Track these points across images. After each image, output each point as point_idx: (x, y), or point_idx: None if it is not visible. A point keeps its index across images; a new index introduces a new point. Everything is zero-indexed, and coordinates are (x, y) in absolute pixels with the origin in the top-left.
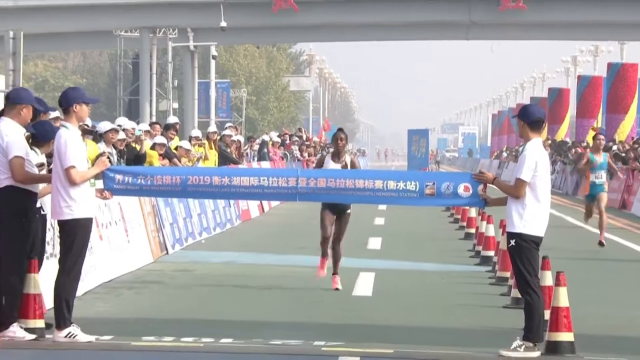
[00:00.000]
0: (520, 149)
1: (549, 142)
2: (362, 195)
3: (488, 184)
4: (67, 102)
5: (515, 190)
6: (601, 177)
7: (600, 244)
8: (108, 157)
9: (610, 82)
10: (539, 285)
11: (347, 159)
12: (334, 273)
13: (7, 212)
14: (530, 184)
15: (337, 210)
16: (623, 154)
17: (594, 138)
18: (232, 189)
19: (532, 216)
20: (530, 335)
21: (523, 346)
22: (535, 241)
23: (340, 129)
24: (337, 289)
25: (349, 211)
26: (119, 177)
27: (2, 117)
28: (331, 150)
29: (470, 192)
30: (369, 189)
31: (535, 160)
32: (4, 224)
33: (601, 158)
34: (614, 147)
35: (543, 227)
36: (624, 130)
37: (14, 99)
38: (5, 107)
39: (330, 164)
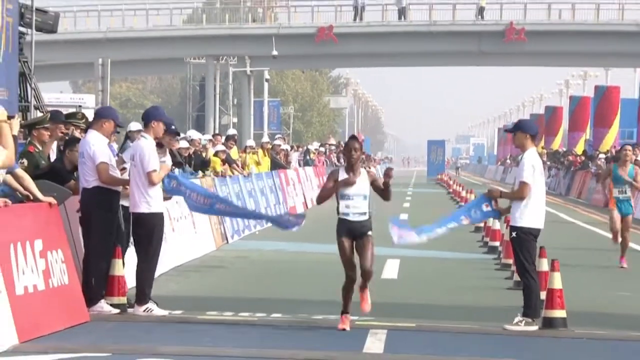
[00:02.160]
0: (520, 157)
1: (546, 151)
2: None
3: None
4: (147, 118)
5: (521, 193)
6: (625, 192)
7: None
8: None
9: (596, 102)
10: (535, 271)
11: (364, 172)
12: (363, 287)
13: (95, 207)
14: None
15: (357, 232)
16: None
17: (621, 149)
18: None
19: (530, 212)
20: (529, 312)
21: (523, 321)
22: (533, 233)
23: (353, 137)
24: (365, 311)
25: (370, 233)
26: (173, 182)
27: (89, 129)
28: (343, 163)
29: (490, 208)
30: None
31: (532, 165)
32: (93, 218)
33: (626, 171)
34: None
35: (540, 221)
36: (608, 141)
37: (99, 114)
38: (92, 121)
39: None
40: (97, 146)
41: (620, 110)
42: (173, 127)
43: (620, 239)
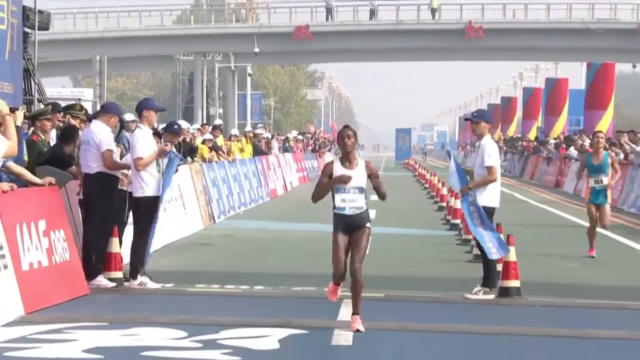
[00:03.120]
0: (478, 143)
1: (502, 137)
2: None
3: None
4: (139, 108)
5: (492, 176)
6: (601, 181)
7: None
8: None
9: (547, 92)
10: None
11: (361, 163)
12: (354, 313)
13: (98, 191)
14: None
15: (354, 226)
16: (562, 146)
17: (593, 136)
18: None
19: (488, 193)
20: (487, 282)
21: (482, 291)
22: (490, 211)
23: (346, 126)
24: (358, 330)
25: (368, 225)
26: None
27: (95, 120)
28: (338, 154)
29: (467, 201)
30: None
31: (495, 150)
32: (96, 201)
33: (600, 159)
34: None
35: (497, 200)
36: (558, 128)
37: (107, 109)
38: (99, 113)
39: (341, 172)
40: (102, 135)
41: (568, 100)
42: (175, 126)
43: (596, 231)
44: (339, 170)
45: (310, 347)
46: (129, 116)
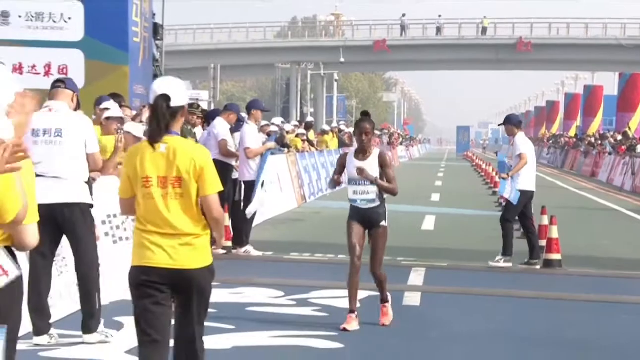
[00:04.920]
0: (512, 140)
1: (547, 134)
2: None
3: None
4: (249, 108)
5: (524, 162)
6: None
7: None
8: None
9: (585, 97)
10: (513, 221)
11: (375, 153)
12: (383, 300)
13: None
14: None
15: (368, 221)
16: (598, 142)
17: None
18: None
19: (524, 178)
20: (506, 251)
21: (502, 259)
22: (528, 195)
23: (365, 114)
24: (384, 324)
25: (384, 223)
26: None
27: (217, 117)
28: (353, 147)
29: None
30: None
31: (525, 141)
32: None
33: None
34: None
35: (532, 184)
36: (593, 127)
37: (228, 108)
38: (222, 111)
39: (354, 163)
40: (220, 128)
41: (603, 103)
42: (264, 104)
43: None
44: (351, 161)
45: None
46: (115, 111)
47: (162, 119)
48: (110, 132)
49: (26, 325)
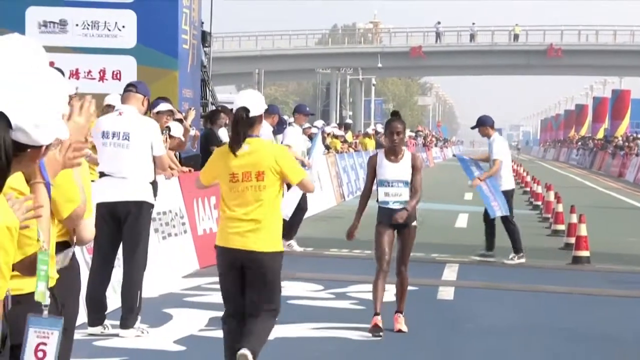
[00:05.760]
0: (489, 141)
1: (577, 136)
2: None
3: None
4: (294, 111)
5: (497, 168)
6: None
7: None
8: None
9: (613, 101)
10: (512, 219)
11: (407, 156)
12: (398, 311)
13: None
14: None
15: (397, 223)
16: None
17: None
18: None
19: (502, 178)
20: (518, 248)
21: (515, 257)
22: (510, 193)
23: (395, 114)
24: (400, 330)
25: (414, 223)
26: None
27: (264, 121)
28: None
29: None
30: None
31: (500, 144)
32: None
33: None
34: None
35: (512, 183)
36: (620, 130)
37: (270, 110)
38: (264, 114)
39: (385, 164)
40: (264, 130)
41: (630, 107)
42: (307, 108)
43: None
44: (382, 163)
45: (420, 300)
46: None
47: (241, 127)
48: (161, 125)
49: (82, 315)
